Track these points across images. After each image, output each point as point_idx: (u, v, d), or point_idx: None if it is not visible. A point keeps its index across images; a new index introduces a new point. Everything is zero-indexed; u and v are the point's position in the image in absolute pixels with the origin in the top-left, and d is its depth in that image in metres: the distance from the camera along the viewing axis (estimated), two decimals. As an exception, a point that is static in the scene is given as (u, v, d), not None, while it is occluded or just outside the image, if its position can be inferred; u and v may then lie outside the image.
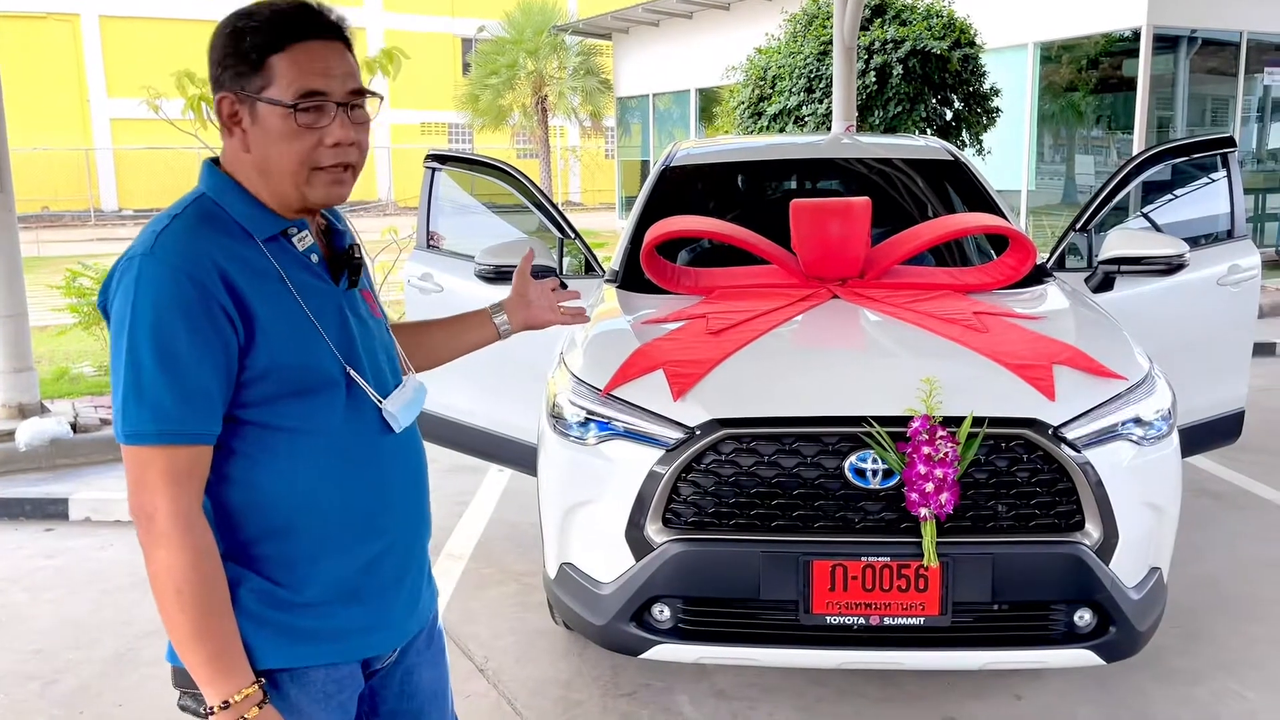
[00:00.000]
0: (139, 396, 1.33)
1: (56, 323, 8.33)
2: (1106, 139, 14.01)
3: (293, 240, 1.46)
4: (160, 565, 1.35)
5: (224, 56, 1.40)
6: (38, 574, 4.22)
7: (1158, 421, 2.79)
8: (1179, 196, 4.74)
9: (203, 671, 1.37)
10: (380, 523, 1.51)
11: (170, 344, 1.32)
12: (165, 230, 1.37)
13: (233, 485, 1.41)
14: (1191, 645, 3.41)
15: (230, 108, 1.41)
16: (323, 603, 1.46)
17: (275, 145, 1.40)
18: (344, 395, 1.46)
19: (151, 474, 1.34)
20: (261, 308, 1.38)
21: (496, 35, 24.23)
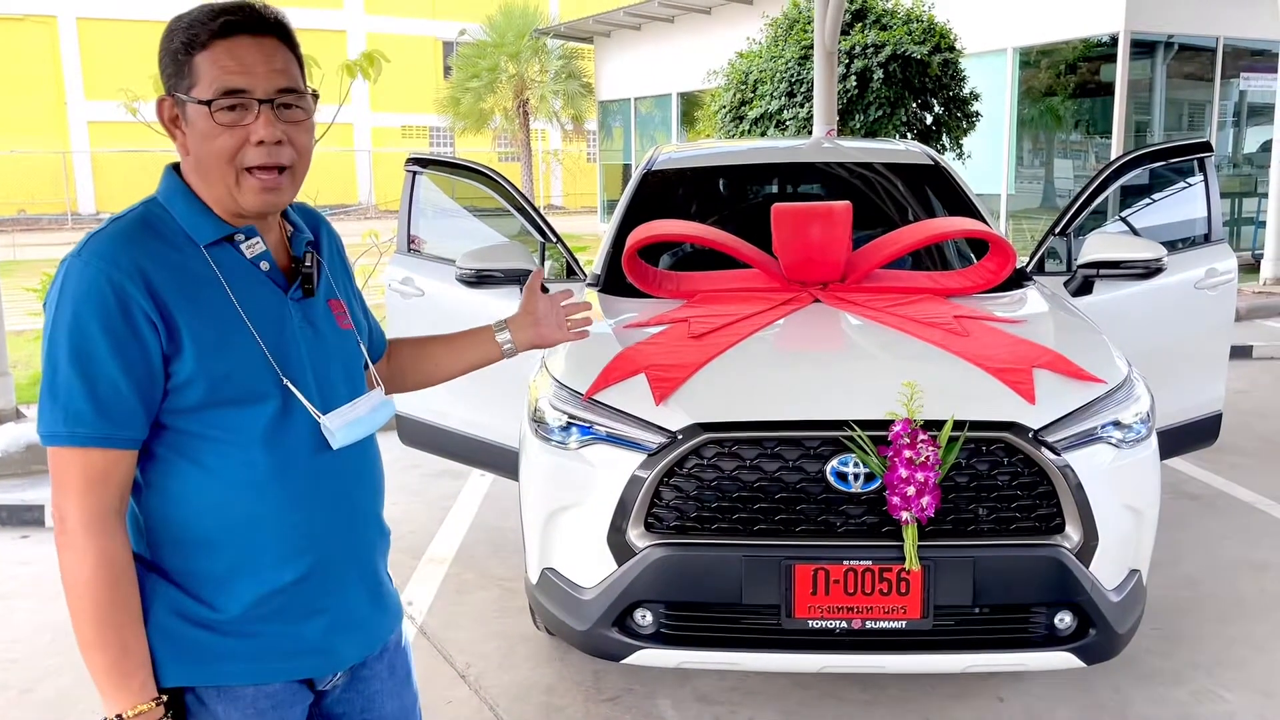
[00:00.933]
0: (53, 398, 1.32)
1: (33, 327, 8.25)
2: (1085, 143, 14.12)
3: (240, 247, 1.43)
4: (67, 568, 1.34)
5: (160, 57, 1.40)
6: (13, 581, 4.18)
7: (1137, 424, 2.80)
8: (1157, 201, 4.78)
9: (101, 680, 1.35)
10: (307, 542, 1.44)
11: (86, 348, 1.30)
12: (97, 234, 1.36)
13: (155, 492, 1.39)
14: (1171, 647, 3.43)
15: (170, 110, 1.40)
16: (245, 620, 1.41)
17: (202, 145, 1.38)
18: (278, 407, 1.41)
19: (67, 476, 1.33)
20: (190, 315, 1.35)
21: (478, 38, 24.20)
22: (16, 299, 8.09)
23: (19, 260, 15.91)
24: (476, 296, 4.01)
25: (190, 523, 1.39)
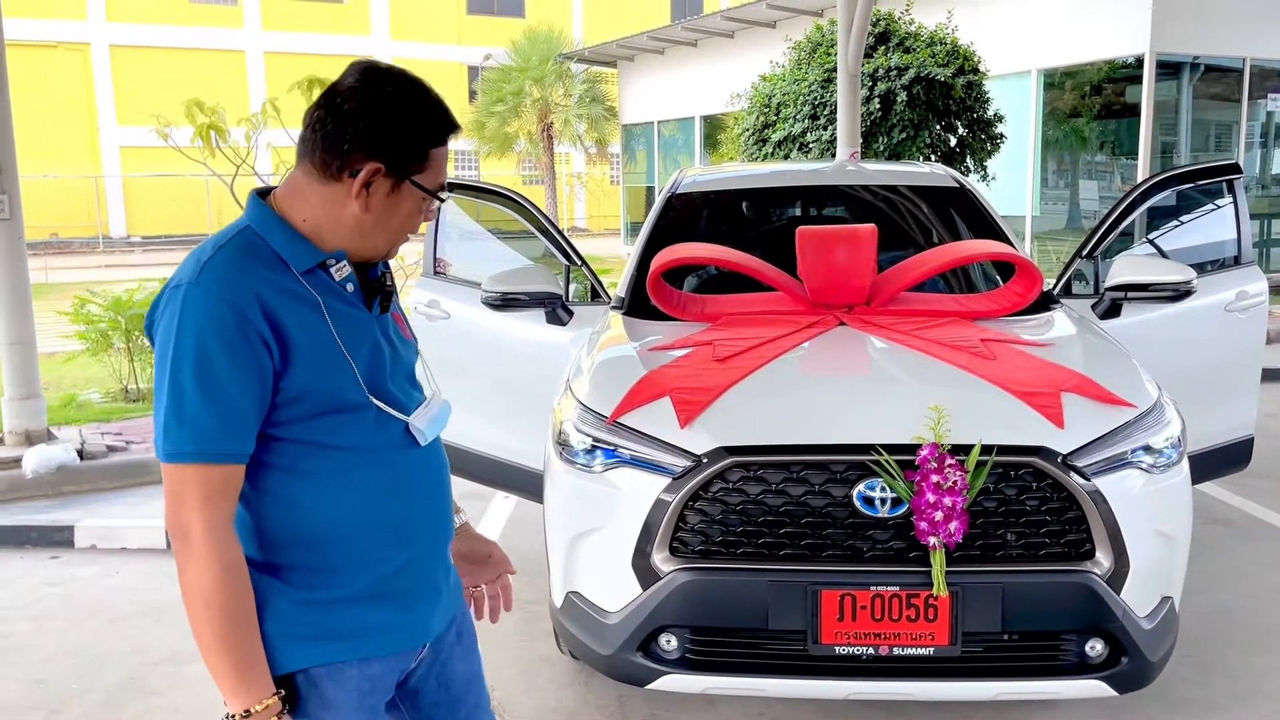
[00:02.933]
0: (179, 418, 1.40)
1: (64, 349, 8.36)
2: (1111, 165, 14.05)
3: (330, 271, 1.53)
4: (191, 579, 1.42)
5: (388, 133, 1.49)
6: (42, 602, 4.21)
7: (1167, 449, 2.77)
8: (1185, 223, 4.74)
9: (226, 681, 1.43)
10: (407, 531, 1.58)
11: (210, 369, 1.40)
12: (210, 261, 1.45)
13: (267, 497, 1.50)
14: (1204, 675, 3.37)
15: (371, 176, 1.49)
16: (353, 603, 1.53)
17: (400, 217, 1.55)
18: (372, 413, 1.53)
19: (188, 491, 1.41)
20: (297, 334, 1.46)
21: (502, 63, 24.41)
22: (48, 322, 8.20)
23: (51, 283, 16.14)
24: (501, 319, 4.03)
25: (300, 524, 1.50)
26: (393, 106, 1.49)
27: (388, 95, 1.49)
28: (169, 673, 3.55)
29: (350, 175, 1.49)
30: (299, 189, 1.53)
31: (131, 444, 6.21)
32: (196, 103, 7.44)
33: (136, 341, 7.60)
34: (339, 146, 1.48)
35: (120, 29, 29.93)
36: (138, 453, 6.02)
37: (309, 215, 1.52)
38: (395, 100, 1.50)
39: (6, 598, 4.27)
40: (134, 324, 7.46)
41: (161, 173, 25.68)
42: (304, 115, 1.54)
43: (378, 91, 1.49)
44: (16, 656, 3.70)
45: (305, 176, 1.52)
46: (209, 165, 7.53)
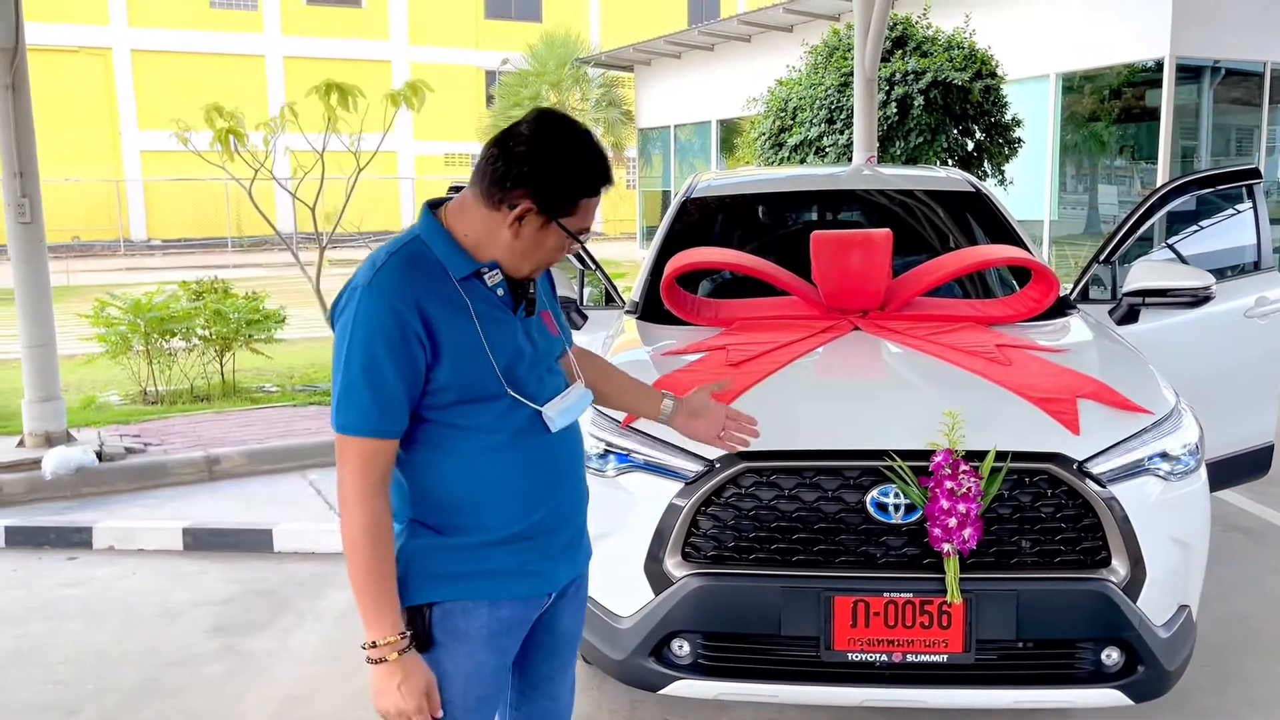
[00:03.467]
0: (347, 399, 1.70)
1: (84, 351, 8.42)
2: (1130, 169, 13.96)
3: (484, 278, 1.79)
4: (344, 527, 1.72)
5: (547, 179, 1.72)
6: (60, 603, 4.24)
7: (1185, 456, 2.75)
8: (1204, 228, 4.71)
9: (364, 614, 1.73)
10: (534, 500, 1.83)
11: (374, 363, 1.68)
12: (382, 267, 1.72)
13: (415, 468, 1.79)
14: (1222, 684, 3.34)
15: (524, 212, 1.73)
16: (484, 551, 1.80)
17: (545, 250, 1.79)
18: (508, 402, 1.78)
19: (347, 457, 1.71)
20: (447, 334, 1.72)
21: (520, 68, 24.51)
22: (69, 325, 8.27)
23: (72, 286, 16.29)
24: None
25: (443, 490, 1.79)
26: (555, 157, 1.72)
27: (553, 146, 1.72)
28: (185, 674, 3.57)
29: (509, 207, 1.73)
30: (466, 207, 1.79)
31: (150, 446, 6.25)
32: (216, 107, 7.49)
33: (155, 344, 7.65)
34: (503, 182, 1.72)
35: (141, 34, 30.20)
36: (155, 455, 6.06)
37: (470, 231, 1.78)
38: (558, 152, 1.72)
39: (24, 598, 4.30)
40: (153, 327, 7.52)
41: (181, 177, 25.87)
42: (483, 146, 1.78)
43: (546, 140, 1.72)
44: (34, 657, 3.73)
45: (473, 199, 1.77)
46: (228, 169, 7.58)
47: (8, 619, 4.08)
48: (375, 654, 1.72)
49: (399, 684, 1.72)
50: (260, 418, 7.10)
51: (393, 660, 1.72)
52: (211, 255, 25.49)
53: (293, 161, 7.88)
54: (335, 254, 9.82)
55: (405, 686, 1.73)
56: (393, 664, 1.72)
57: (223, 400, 7.65)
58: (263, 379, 8.47)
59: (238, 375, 8.13)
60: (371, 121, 7.40)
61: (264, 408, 7.43)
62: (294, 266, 9.17)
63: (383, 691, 1.74)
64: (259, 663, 3.65)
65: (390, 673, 1.72)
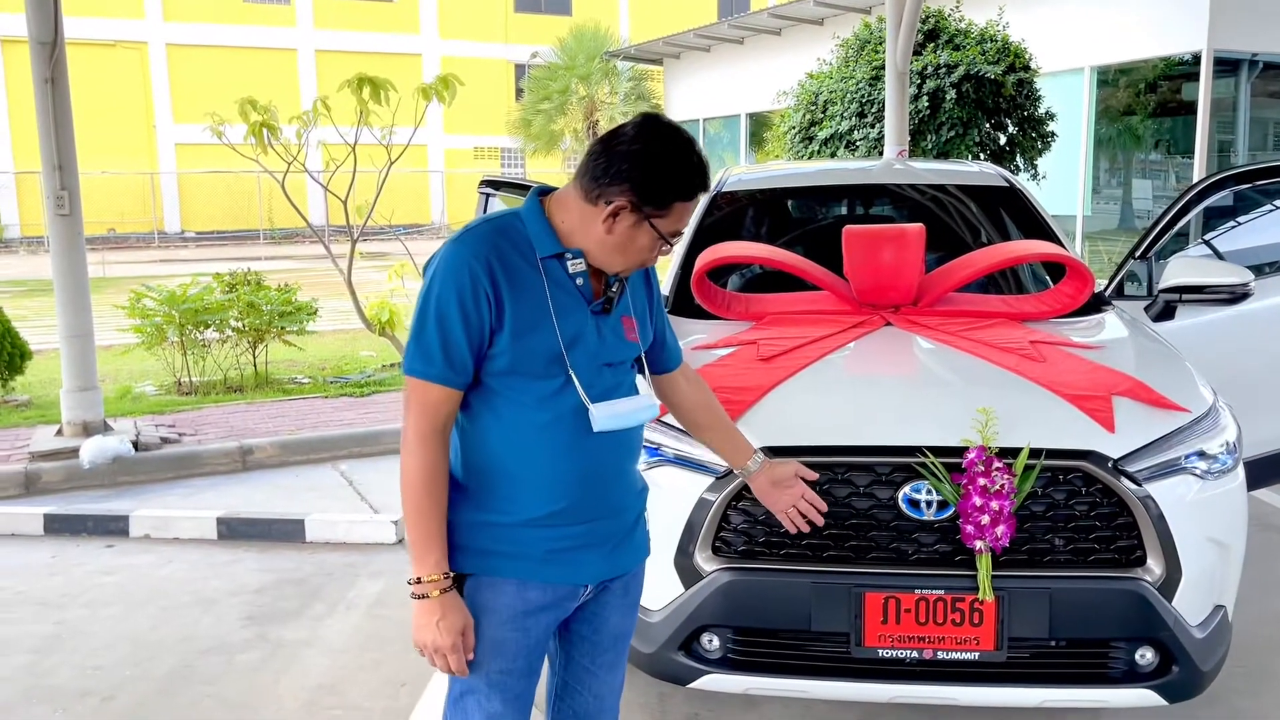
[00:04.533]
0: (418, 344, 1.81)
1: (120, 342, 8.53)
2: (1165, 164, 13.78)
3: (565, 263, 1.87)
4: (402, 467, 1.83)
5: (645, 180, 1.79)
6: (97, 590, 4.31)
7: (1222, 455, 2.72)
8: (1243, 223, 4.64)
9: (413, 550, 1.84)
10: (568, 485, 1.88)
11: (445, 312, 1.78)
12: (472, 229, 1.85)
13: (467, 432, 1.88)
14: (1257, 685, 3.30)
15: (619, 209, 1.81)
16: (515, 530, 1.87)
17: (634, 249, 1.86)
18: (559, 385, 1.85)
19: (411, 400, 1.82)
20: (516, 303, 1.80)
21: (549, 61, 24.51)
22: (105, 316, 8.38)
23: (108, 278, 16.50)
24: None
25: (487, 455, 1.87)
26: (654, 160, 1.79)
27: (653, 148, 1.79)
28: (220, 662, 3.62)
29: (604, 203, 1.81)
30: (567, 199, 1.88)
31: (185, 436, 6.33)
32: (249, 101, 7.54)
33: (189, 335, 7.74)
34: (602, 178, 1.80)
35: (176, 28, 30.50)
36: (190, 445, 6.14)
37: (567, 220, 1.87)
38: (658, 155, 1.79)
39: (62, 585, 4.37)
40: (187, 318, 7.60)
41: (215, 169, 26.11)
42: (589, 143, 1.87)
43: (647, 143, 1.80)
44: (71, 643, 3.80)
45: (574, 191, 1.86)
46: (261, 162, 7.64)
47: (47, 605, 4.15)
48: (419, 590, 1.82)
49: (438, 621, 1.82)
50: (292, 409, 7.17)
51: (434, 598, 1.82)
52: (244, 247, 25.74)
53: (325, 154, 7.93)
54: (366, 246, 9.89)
55: (443, 624, 1.82)
56: (434, 601, 1.82)
57: (255, 391, 7.73)
58: (295, 370, 8.55)
59: (270, 367, 8.21)
60: (402, 115, 7.42)
61: (296, 399, 7.50)
62: (325, 259, 9.24)
63: (423, 626, 1.83)
64: (291, 651, 3.69)
65: (430, 609, 1.82)
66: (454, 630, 1.83)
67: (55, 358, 6.81)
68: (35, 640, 3.82)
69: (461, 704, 1.93)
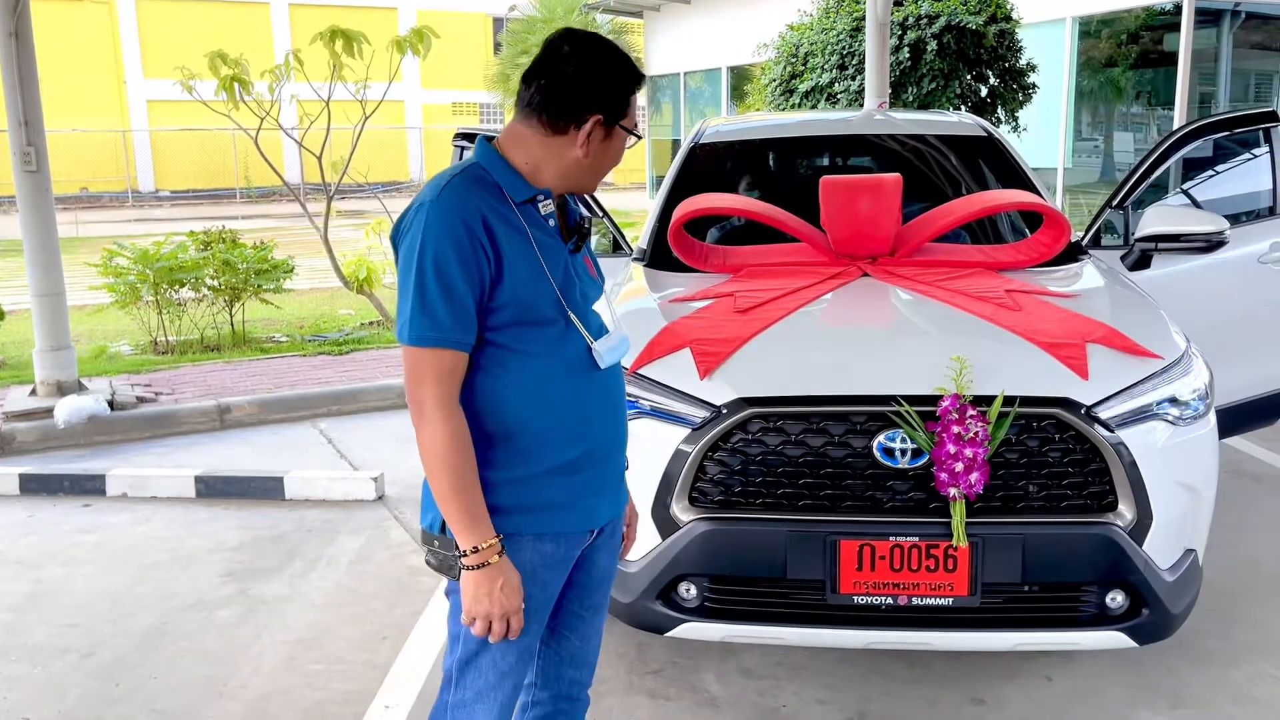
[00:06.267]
0: (424, 310, 1.71)
1: (94, 301, 8.45)
2: (1146, 115, 13.75)
3: (538, 205, 1.84)
4: (426, 440, 1.74)
5: (605, 88, 1.81)
6: (75, 549, 4.30)
7: (1194, 401, 2.74)
8: (1220, 172, 4.65)
9: (459, 523, 1.75)
10: (583, 430, 1.86)
11: (447, 271, 1.70)
12: (448, 185, 1.76)
13: (476, 392, 1.80)
14: (1227, 628, 3.36)
15: (595, 126, 1.81)
16: (533, 484, 1.82)
17: (608, 159, 1.86)
18: (562, 329, 1.82)
19: (425, 370, 1.73)
20: (509, 252, 1.75)
21: (527, 14, 24.17)
22: (78, 275, 8.28)
23: (81, 237, 16.28)
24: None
25: (500, 412, 1.80)
26: (604, 67, 1.80)
27: (599, 58, 1.80)
28: (199, 618, 3.62)
29: (576, 128, 1.79)
30: (522, 138, 1.83)
31: (161, 395, 6.29)
32: (219, 54, 7.42)
33: (165, 294, 7.67)
34: (567, 105, 1.78)
35: (145, -18, 29.86)
36: (167, 404, 6.10)
37: (530, 159, 1.83)
38: (605, 62, 1.81)
39: (40, 544, 4.36)
40: (162, 277, 7.52)
41: (188, 126, 25.72)
42: (523, 79, 1.83)
43: (590, 56, 1.80)
44: (50, 601, 3.79)
45: (529, 129, 1.82)
46: (233, 118, 7.52)
47: (24, 564, 4.14)
48: (476, 559, 1.74)
49: (501, 585, 1.76)
50: (270, 367, 7.12)
51: (495, 563, 1.75)
52: (220, 206, 25.44)
53: (299, 110, 7.82)
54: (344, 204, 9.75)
55: (508, 587, 1.77)
56: (495, 567, 1.75)
57: (232, 350, 7.68)
58: (272, 329, 8.49)
59: (247, 325, 8.15)
60: (378, 70, 7.32)
61: (274, 357, 7.46)
62: (302, 217, 9.15)
63: (484, 596, 1.76)
64: (271, 607, 3.69)
65: (491, 576, 1.75)
66: (518, 590, 1.78)
67: (28, 318, 6.74)
68: (13, 599, 3.81)
69: (476, 663, 1.88)
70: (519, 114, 1.85)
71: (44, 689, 3.17)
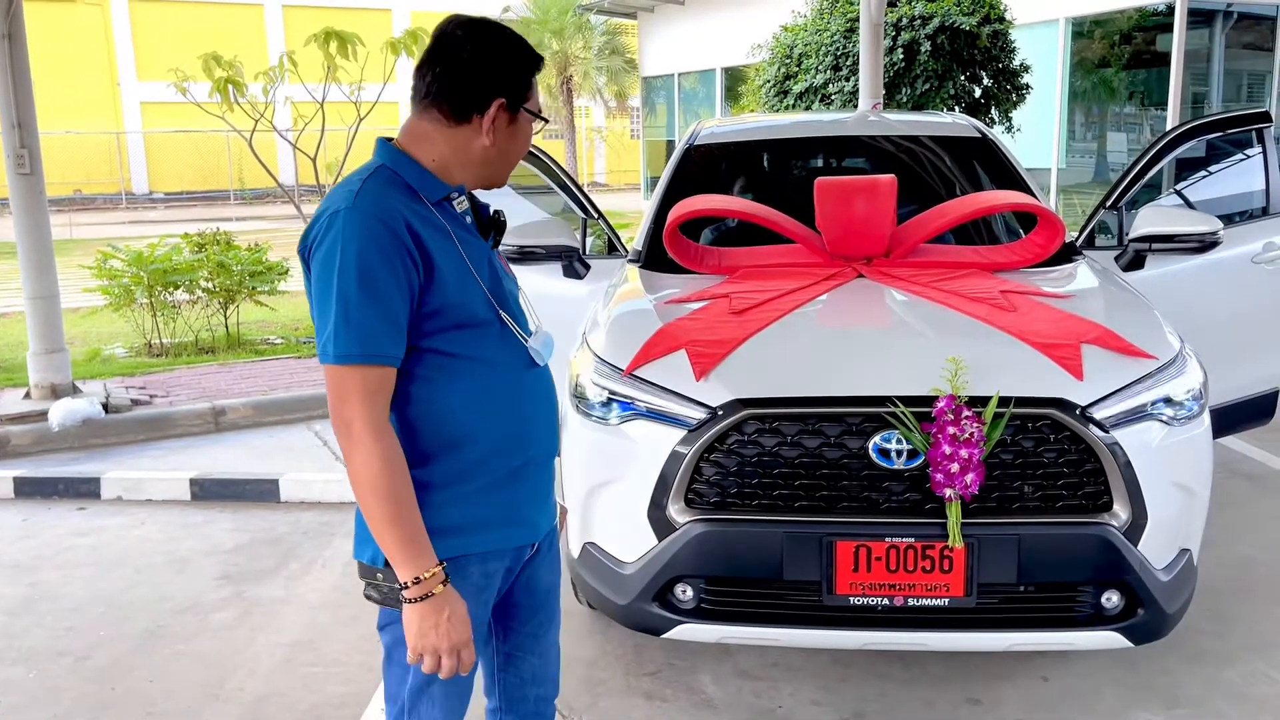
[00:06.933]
0: (348, 324, 1.58)
1: (89, 304, 8.42)
2: (1140, 116, 13.80)
3: (453, 203, 1.74)
4: (358, 465, 1.61)
5: (504, 71, 1.72)
6: (70, 552, 4.29)
7: (1188, 401, 2.74)
8: (1213, 173, 4.66)
9: (397, 553, 1.62)
10: (526, 438, 1.78)
11: (373, 280, 1.58)
12: (361, 189, 1.64)
13: (411, 403, 1.69)
14: (1222, 627, 3.37)
15: (499, 111, 1.72)
16: (476, 499, 1.72)
17: (519, 144, 1.78)
18: (497, 330, 1.74)
19: (351, 389, 1.60)
20: (436, 253, 1.65)
21: (521, 15, 24.17)
22: (72, 277, 8.26)
23: (76, 239, 16.25)
24: (519, 273, 4.02)
25: (445, 423, 1.69)
26: (502, 50, 1.71)
27: (496, 41, 1.71)
28: (194, 620, 3.61)
29: (480, 115, 1.70)
30: (425, 134, 1.72)
31: (155, 398, 6.28)
32: (214, 56, 7.41)
33: (159, 297, 7.65)
34: (468, 92, 1.69)
35: (138, -17, 29.78)
36: (161, 406, 6.09)
37: (437, 156, 1.72)
38: (503, 44, 1.72)
39: (35, 547, 4.35)
40: (156, 279, 7.51)
41: (182, 128, 25.66)
42: (416, 69, 1.73)
43: (487, 39, 1.70)
44: (45, 604, 3.78)
45: (430, 123, 1.72)
46: (228, 120, 7.51)
47: (19, 568, 4.13)
48: (418, 590, 1.62)
49: (448, 616, 1.63)
50: (265, 369, 7.11)
51: (439, 594, 1.63)
52: (214, 208, 25.40)
53: (293, 112, 7.81)
54: (337, 206, 9.66)
55: (454, 618, 1.64)
56: (440, 597, 1.63)
57: (227, 352, 7.67)
58: (267, 331, 8.48)
59: (242, 327, 8.13)
60: (372, 71, 7.31)
61: (268, 360, 7.45)
62: (297, 219, 9.13)
63: (430, 629, 1.63)
64: (267, 609, 3.69)
65: (436, 607, 1.63)
66: (464, 621, 1.66)
67: (21, 320, 6.72)
68: (8, 602, 3.80)
69: (428, 692, 1.77)
70: (416, 108, 1.73)
71: (39, 693, 3.17)
